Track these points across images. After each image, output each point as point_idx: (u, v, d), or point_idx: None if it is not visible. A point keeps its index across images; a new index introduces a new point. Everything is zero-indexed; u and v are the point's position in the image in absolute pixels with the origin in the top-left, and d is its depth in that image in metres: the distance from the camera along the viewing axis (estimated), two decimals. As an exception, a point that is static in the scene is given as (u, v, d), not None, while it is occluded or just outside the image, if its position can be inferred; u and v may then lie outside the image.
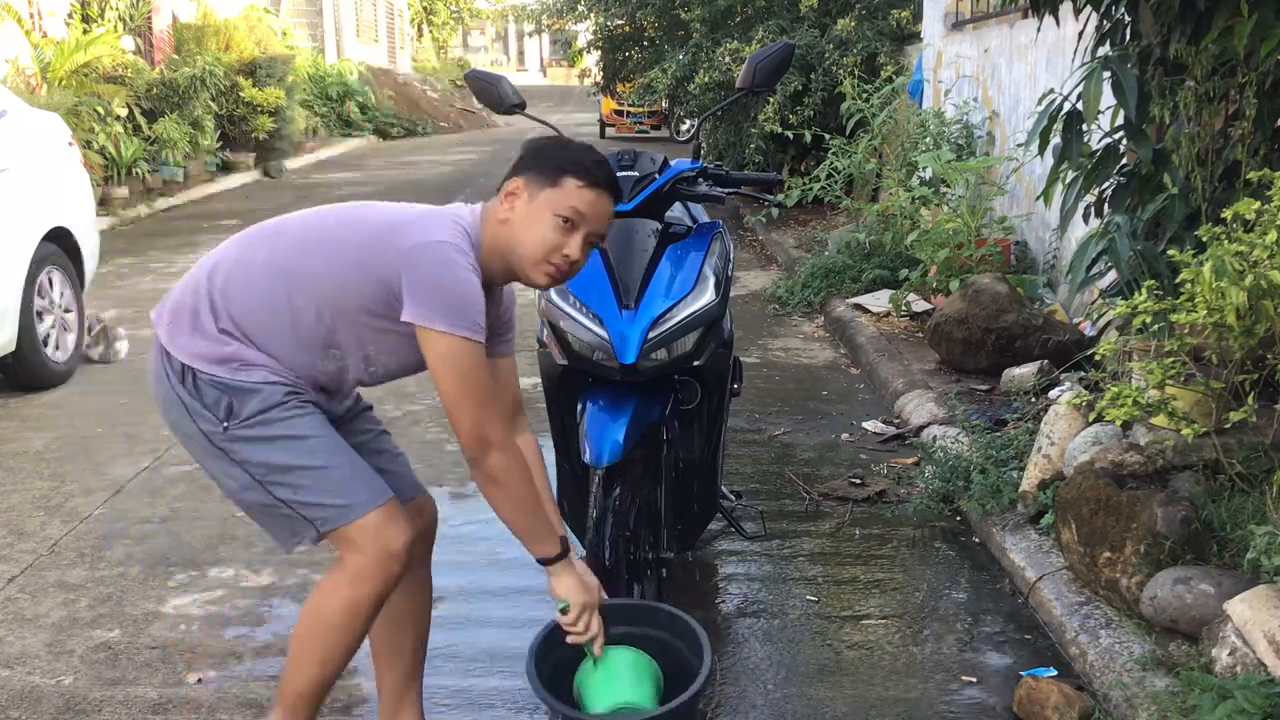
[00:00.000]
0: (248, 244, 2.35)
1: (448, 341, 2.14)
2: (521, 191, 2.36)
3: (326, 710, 2.84)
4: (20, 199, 5.41)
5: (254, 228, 2.42)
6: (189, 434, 2.28)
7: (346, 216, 2.33)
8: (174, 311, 2.34)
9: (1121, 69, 3.45)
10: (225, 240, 2.43)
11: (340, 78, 21.45)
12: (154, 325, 2.36)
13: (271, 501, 2.26)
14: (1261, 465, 3.11)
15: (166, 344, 2.31)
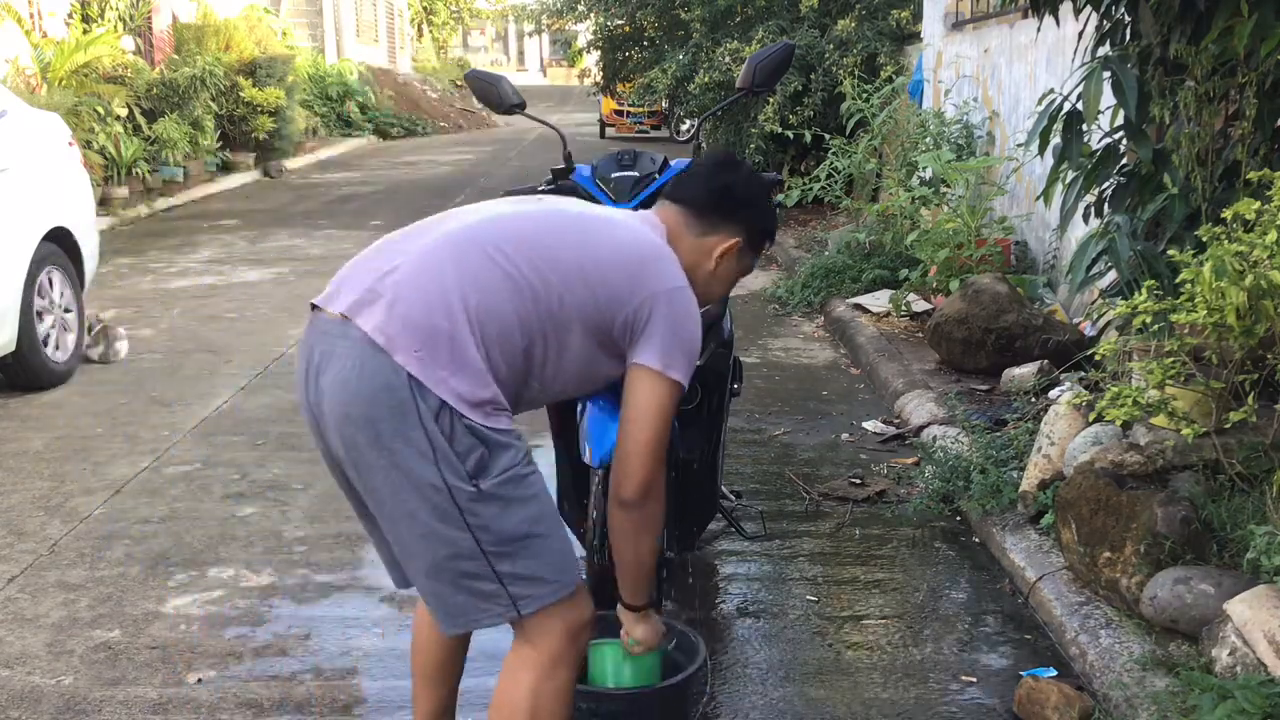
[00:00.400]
0: (475, 253, 1.97)
1: (670, 389, 2.01)
2: (735, 251, 2.24)
3: (326, 710, 2.84)
4: (20, 199, 5.41)
5: (455, 230, 2.04)
6: (419, 483, 1.89)
7: (572, 237, 2.04)
8: (426, 335, 1.89)
9: (1121, 69, 3.45)
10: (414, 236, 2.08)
11: (340, 78, 21.46)
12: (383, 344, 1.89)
13: (483, 573, 1.94)
14: (1261, 465, 3.11)
15: (420, 374, 1.87)
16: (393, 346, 1.88)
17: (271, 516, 4.04)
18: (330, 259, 9.13)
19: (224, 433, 4.93)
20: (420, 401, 1.86)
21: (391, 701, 2.87)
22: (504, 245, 1.98)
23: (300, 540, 3.84)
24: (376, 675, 3.00)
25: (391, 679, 2.97)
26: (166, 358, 6.13)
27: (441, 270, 1.95)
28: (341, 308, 1.97)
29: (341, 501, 4.10)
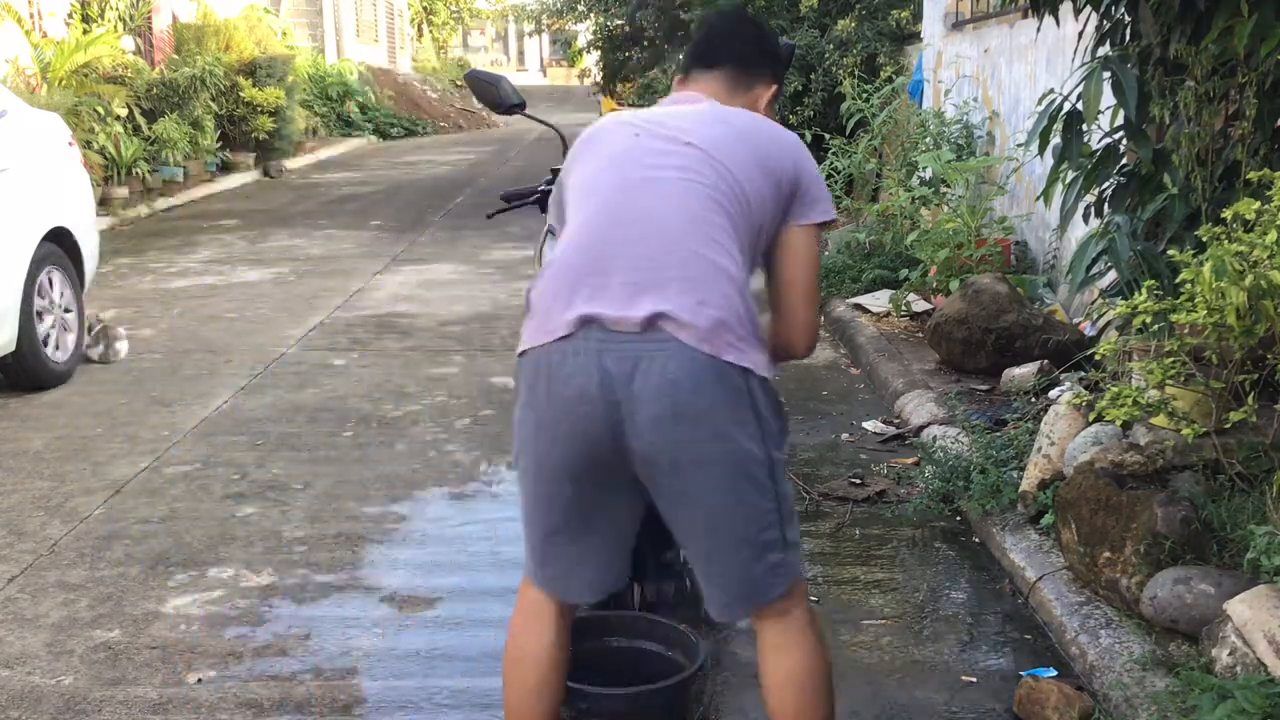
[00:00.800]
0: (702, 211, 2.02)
1: (818, 231, 2.15)
2: (774, 96, 2.36)
3: (326, 710, 2.84)
4: (20, 199, 5.41)
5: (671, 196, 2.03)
6: (749, 462, 1.97)
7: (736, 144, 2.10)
8: (726, 317, 1.93)
9: (1121, 69, 3.45)
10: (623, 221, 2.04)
11: (340, 78, 21.45)
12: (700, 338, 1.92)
13: (776, 542, 2.02)
14: (1261, 465, 3.11)
15: (739, 359, 1.93)
16: (708, 339, 1.92)
17: (271, 516, 4.04)
18: (330, 259, 9.13)
19: (224, 433, 4.93)
20: (746, 383, 1.95)
21: (391, 701, 2.87)
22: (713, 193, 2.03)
23: (300, 540, 3.84)
24: (376, 675, 3.00)
25: (391, 679, 2.98)
26: (166, 358, 6.13)
27: (697, 250, 1.98)
28: (634, 313, 1.93)
29: (341, 501, 4.15)
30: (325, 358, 6.15)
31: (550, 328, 1.99)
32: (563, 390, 1.96)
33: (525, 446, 2.09)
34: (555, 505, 2.11)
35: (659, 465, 1.97)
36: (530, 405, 2.03)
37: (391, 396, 5.44)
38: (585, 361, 1.94)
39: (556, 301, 2.00)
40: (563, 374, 1.96)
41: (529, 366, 2.03)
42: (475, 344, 6.42)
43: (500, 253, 9.38)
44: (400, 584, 3.53)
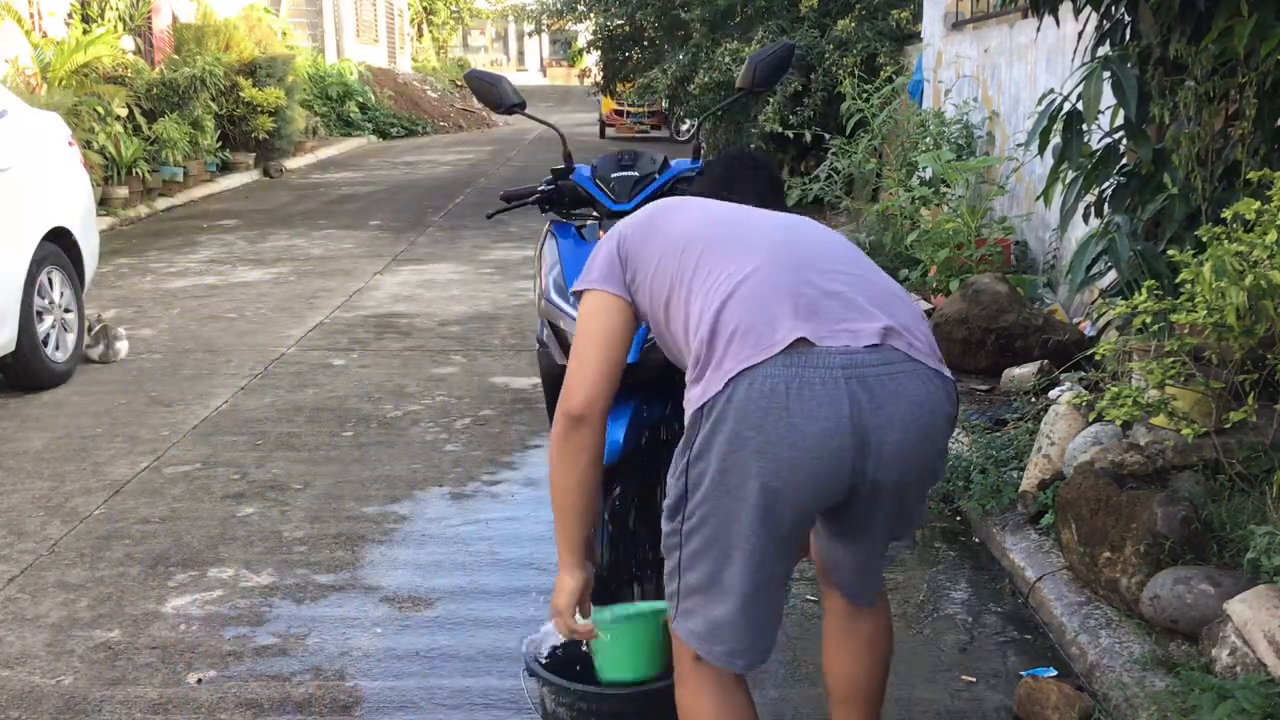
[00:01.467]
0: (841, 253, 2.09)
1: None
2: None
3: (326, 710, 2.84)
4: (20, 199, 5.41)
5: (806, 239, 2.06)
6: (939, 473, 2.04)
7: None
8: (926, 333, 1.94)
9: (1121, 69, 3.45)
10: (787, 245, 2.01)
11: (340, 78, 21.44)
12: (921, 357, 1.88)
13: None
14: (1261, 465, 3.11)
15: (938, 366, 1.91)
16: (932, 354, 1.90)
17: (271, 516, 4.04)
18: (330, 259, 9.13)
19: (224, 433, 4.93)
20: (954, 398, 1.94)
21: (391, 701, 2.87)
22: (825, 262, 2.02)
23: (300, 540, 3.84)
24: (376, 675, 3.00)
25: (391, 679, 2.98)
26: (166, 358, 6.13)
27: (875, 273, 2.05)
28: (868, 327, 1.86)
29: (341, 501, 4.15)
30: (325, 358, 6.15)
31: (770, 343, 1.81)
32: (806, 422, 1.78)
33: (732, 492, 1.84)
34: (768, 557, 1.88)
35: (885, 490, 1.90)
36: (750, 441, 1.80)
37: (391, 396, 5.44)
38: (834, 390, 1.79)
39: (768, 319, 1.84)
40: (806, 401, 1.79)
41: (750, 391, 1.80)
42: (475, 344, 6.42)
43: (500, 253, 9.38)
44: (400, 584, 3.53)
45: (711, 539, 1.88)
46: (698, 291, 1.95)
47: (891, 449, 1.83)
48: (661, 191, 3.08)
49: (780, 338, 1.81)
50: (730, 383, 1.81)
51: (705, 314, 1.90)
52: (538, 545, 3.79)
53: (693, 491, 1.89)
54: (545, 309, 3.01)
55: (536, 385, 5.25)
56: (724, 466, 1.83)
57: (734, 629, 1.93)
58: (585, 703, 2.34)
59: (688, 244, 2.02)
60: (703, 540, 1.90)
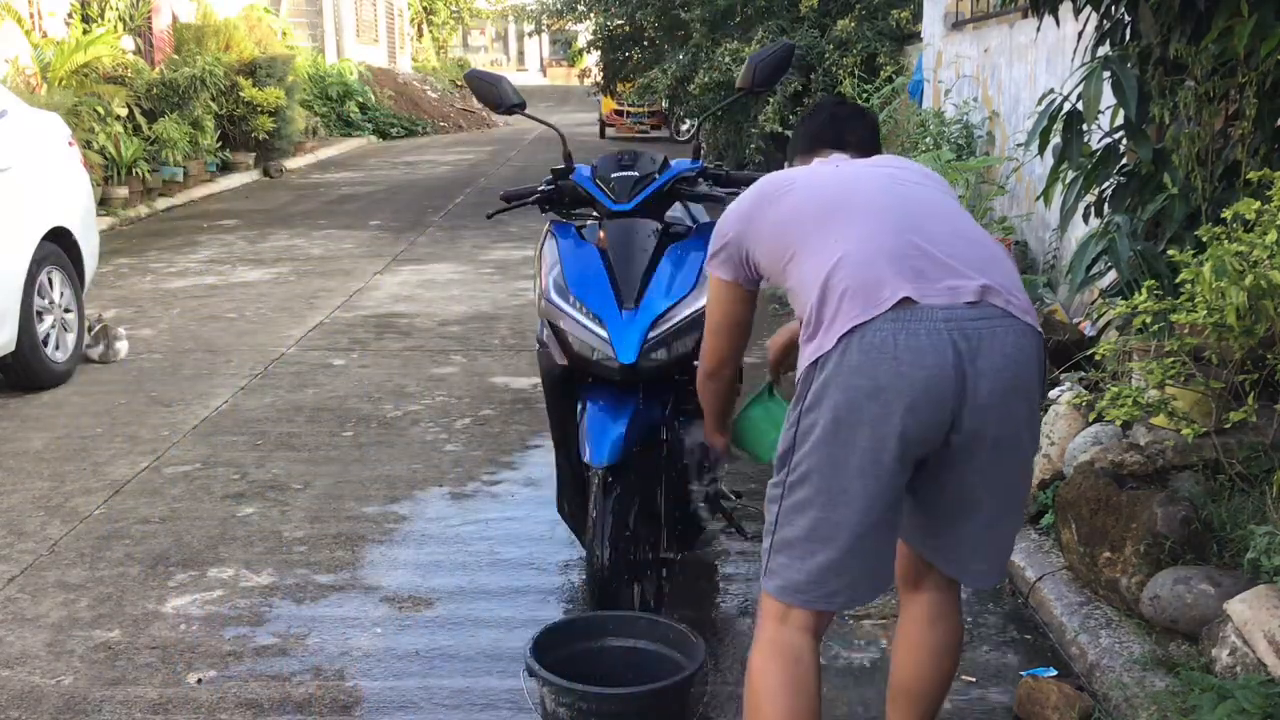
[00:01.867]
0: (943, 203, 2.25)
1: None
2: None
3: (326, 710, 2.84)
4: (20, 199, 5.41)
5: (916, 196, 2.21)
6: (1037, 433, 2.18)
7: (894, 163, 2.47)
8: (1021, 291, 2.08)
9: (1121, 69, 3.45)
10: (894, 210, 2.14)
11: (340, 78, 21.44)
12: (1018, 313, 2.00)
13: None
14: (1261, 465, 3.11)
15: (1033, 322, 2.03)
16: (1029, 311, 2.02)
17: (271, 516, 4.04)
18: (330, 259, 9.13)
19: (224, 433, 4.94)
20: (1045, 356, 2.08)
21: (391, 701, 2.87)
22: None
23: (300, 540, 3.84)
24: (376, 675, 3.00)
25: (391, 679, 2.98)
26: (166, 358, 6.13)
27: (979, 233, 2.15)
28: (968, 285, 1.98)
29: (341, 501, 4.15)
30: (325, 358, 6.15)
31: (878, 301, 1.95)
32: (914, 369, 1.93)
33: (843, 439, 1.97)
34: (877, 497, 2.00)
35: (983, 441, 2.01)
36: (861, 388, 1.94)
37: (391, 396, 5.44)
38: (938, 340, 1.93)
39: (875, 280, 1.98)
40: (914, 349, 1.93)
41: (862, 344, 1.94)
42: (475, 344, 6.42)
43: (500, 253, 9.38)
44: (400, 584, 3.53)
45: (820, 487, 2.01)
46: (809, 258, 2.09)
47: (984, 396, 1.96)
48: (661, 191, 3.08)
49: (887, 296, 1.95)
50: (843, 339, 1.95)
51: (816, 278, 2.04)
52: (538, 545, 3.79)
53: (801, 442, 2.02)
54: (545, 309, 3.01)
55: (536, 385, 5.25)
56: (836, 415, 1.96)
57: (836, 572, 2.04)
58: (585, 703, 2.35)
59: (798, 214, 2.17)
60: (810, 489, 2.02)
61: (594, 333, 2.86)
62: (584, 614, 3.09)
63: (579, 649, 2.57)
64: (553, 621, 2.66)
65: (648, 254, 2.98)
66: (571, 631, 2.61)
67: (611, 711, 2.37)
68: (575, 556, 3.64)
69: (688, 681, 2.42)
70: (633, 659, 2.57)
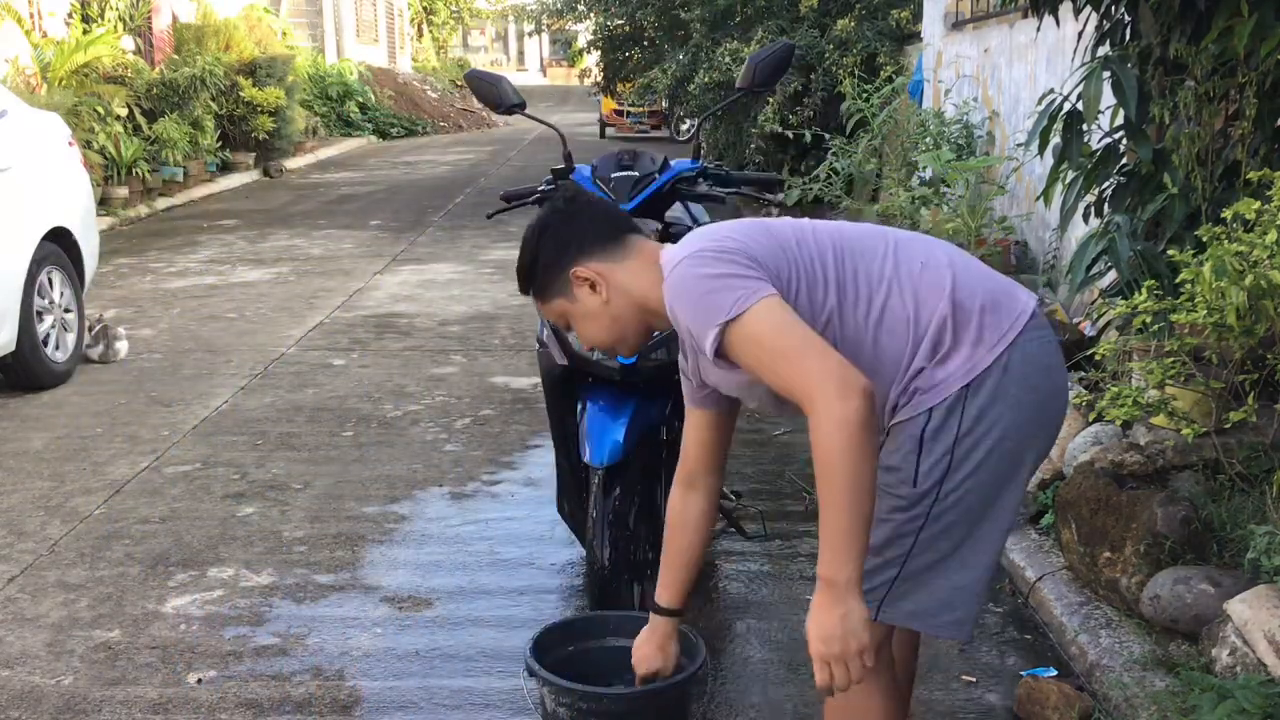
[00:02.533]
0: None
1: None
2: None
3: (326, 710, 2.84)
4: (20, 199, 5.41)
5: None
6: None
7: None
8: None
9: (1121, 69, 3.45)
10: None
11: (340, 78, 21.44)
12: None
13: None
14: (1261, 465, 3.11)
15: None
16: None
17: (271, 516, 4.04)
18: (330, 259, 9.13)
19: (224, 433, 4.93)
20: None
21: (391, 701, 2.87)
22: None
23: (300, 540, 3.84)
24: (376, 675, 3.00)
25: (391, 679, 2.98)
26: (166, 358, 6.13)
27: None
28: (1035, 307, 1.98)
29: (341, 501, 4.15)
30: (325, 358, 6.15)
31: (1016, 311, 1.91)
32: (1060, 375, 1.97)
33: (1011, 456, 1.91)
34: (1019, 505, 2.02)
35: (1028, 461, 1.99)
36: (1031, 403, 1.90)
37: (391, 396, 5.44)
38: (1058, 351, 1.99)
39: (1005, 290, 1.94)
40: (1056, 356, 1.97)
41: (1024, 357, 1.89)
42: (475, 344, 6.42)
43: (500, 252, 9.38)
44: (400, 584, 3.53)
45: (971, 509, 1.92)
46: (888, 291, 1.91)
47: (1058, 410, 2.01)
48: (661, 191, 3.08)
49: (1022, 306, 1.93)
50: (1005, 352, 1.88)
51: (929, 302, 1.89)
52: (538, 545, 3.79)
53: (956, 469, 1.90)
54: (545, 309, 3.01)
55: (536, 385, 5.24)
56: (1005, 434, 1.89)
57: (973, 594, 1.97)
58: (585, 703, 2.34)
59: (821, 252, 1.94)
60: (959, 513, 1.92)
61: (594, 333, 2.86)
62: (584, 614, 3.10)
63: (579, 649, 2.56)
64: (553, 621, 2.65)
65: (648, 254, 2.97)
66: (571, 631, 2.60)
67: (611, 711, 2.37)
68: (575, 556, 3.64)
69: (688, 681, 2.42)
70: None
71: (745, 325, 1.78)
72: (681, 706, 2.47)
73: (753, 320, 1.77)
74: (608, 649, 2.58)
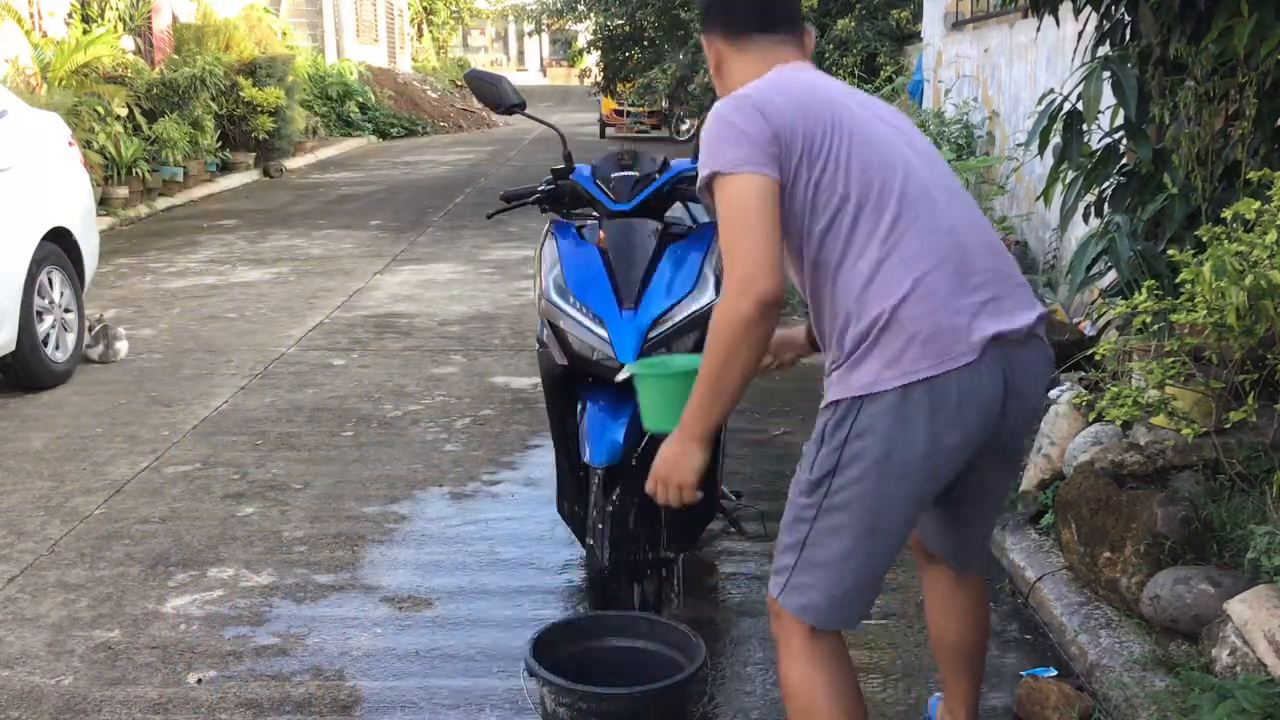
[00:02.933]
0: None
1: None
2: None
3: (326, 710, 2.84)
4: (20, 199, 5.41)
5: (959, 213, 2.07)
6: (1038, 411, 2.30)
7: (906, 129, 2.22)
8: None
9: (1121, 69, 3.45)
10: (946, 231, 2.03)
11: (340, 78, 21.44)
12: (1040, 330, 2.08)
13: None
14: (1261, 465, 3.11)
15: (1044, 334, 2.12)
16: (1044, 332, 2.08)
17: (271, 516, 4.04)
18: (330, 259, 9.13)
19: (224, 433, 4.94)
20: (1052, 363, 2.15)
21: (392, 701, 2.87)
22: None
23: (300, 540, 3.84)
24: (376, 675, 3.00)
25: (391, 679, 2.98)
26: (166, 358, 6.13)
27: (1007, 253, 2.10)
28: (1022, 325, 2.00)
29: (341, 501, 4.15)
30: (325, 358, 6.15)
31: (954, 353, 1.93)
32: (973, 409, 1.96)
33: (896, 471, 1.96)
34: (914, 524, 2.10)
35: (1005, 451, 2.15)
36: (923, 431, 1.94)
37: (391, 396, 5.44)
38: (995, 373, 1.97)
39: (951, 327, 1.94)
40: (975, 388, 1.95)
41: (930, 393, 1.93)
42: (475, 344, 6.42)
43: (500, 252, 9.38)
44: (400, 584, 3.53)
45: (860, 516, 1.99)
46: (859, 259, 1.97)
47: (1015, 415, 2.05)
48: (661, 191, 3.08)
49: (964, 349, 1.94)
50: (908, 387, 1.92)
51: (875, 299, 1.95)
52: (538, 545, 3.79)
53: (845, 468, 1.98)
54: (545, 309, 3.01)
55: (536, 385, 5.24)
56: (889, 450, 1.95)
57: (861, 595, 2.09)
58: (585, 703, 2.35)
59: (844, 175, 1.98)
60: (849, 516, 1.99)
61: (594, 333, 2.86)
62: (584, 614, 3.10)
63: (579, 649, 2.57)
64: (553, 621, 2.65)
65: (648, 254, 2.98)
66: (571, 631, 2.60)
67: (611, 711, 2.37)
68: (575, 556, 3.64)
69: (688, 681, 2.42)
70: (633, 659, 2.57)
71: (727, 184, 1.94)
72: (681, 706, 2.47)
73: (733, 184, 1.94)
74: (608, 649, 2.58)
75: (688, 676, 2.42)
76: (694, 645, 2.50)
